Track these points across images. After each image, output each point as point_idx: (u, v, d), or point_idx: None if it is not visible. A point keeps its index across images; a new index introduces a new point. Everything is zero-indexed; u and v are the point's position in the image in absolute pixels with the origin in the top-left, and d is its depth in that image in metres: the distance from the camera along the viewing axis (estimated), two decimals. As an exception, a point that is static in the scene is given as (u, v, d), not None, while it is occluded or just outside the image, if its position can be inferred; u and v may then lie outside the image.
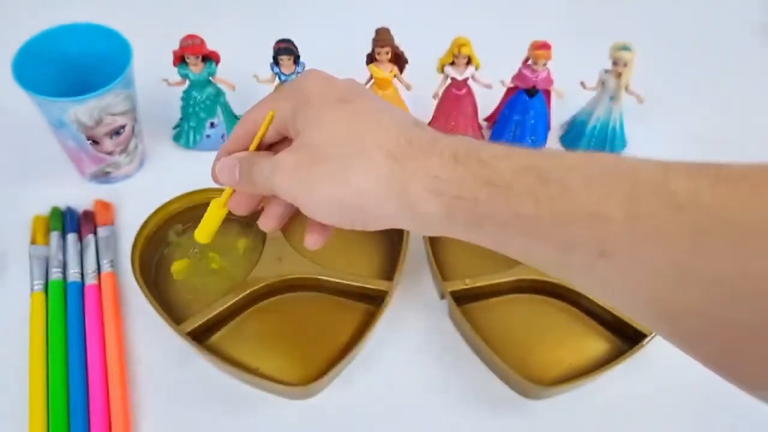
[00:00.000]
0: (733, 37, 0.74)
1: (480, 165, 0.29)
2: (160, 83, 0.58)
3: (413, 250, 0.51)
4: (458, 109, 0.60)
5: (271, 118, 0.36)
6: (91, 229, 0.55)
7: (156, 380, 0.49)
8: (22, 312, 0.50)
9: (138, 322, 0.51)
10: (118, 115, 0.53)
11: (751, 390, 0.26)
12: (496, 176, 0.28)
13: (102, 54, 0.54)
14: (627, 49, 0.55)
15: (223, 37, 0.59)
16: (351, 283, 0.50)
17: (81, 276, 0.52)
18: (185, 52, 0.55)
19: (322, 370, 0.47)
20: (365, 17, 0.60)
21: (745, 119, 0.66)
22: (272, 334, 0.50)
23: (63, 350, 0.48)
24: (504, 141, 0.61)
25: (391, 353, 0.50)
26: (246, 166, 0.36)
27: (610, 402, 0.48)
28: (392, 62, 0.57)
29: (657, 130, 0.63)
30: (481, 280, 0.50)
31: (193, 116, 0.59)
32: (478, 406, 0.48)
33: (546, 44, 0.56)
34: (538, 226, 0.27)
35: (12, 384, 0.47)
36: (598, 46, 0.56)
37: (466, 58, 0.57)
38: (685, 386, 0.49)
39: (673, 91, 0.66)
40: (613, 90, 0.58)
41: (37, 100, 0.50)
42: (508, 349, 0.48)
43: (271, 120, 0.36)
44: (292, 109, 0.35)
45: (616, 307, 0.29)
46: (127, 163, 0.58)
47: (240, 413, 0.47)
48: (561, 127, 0.64)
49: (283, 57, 0.56)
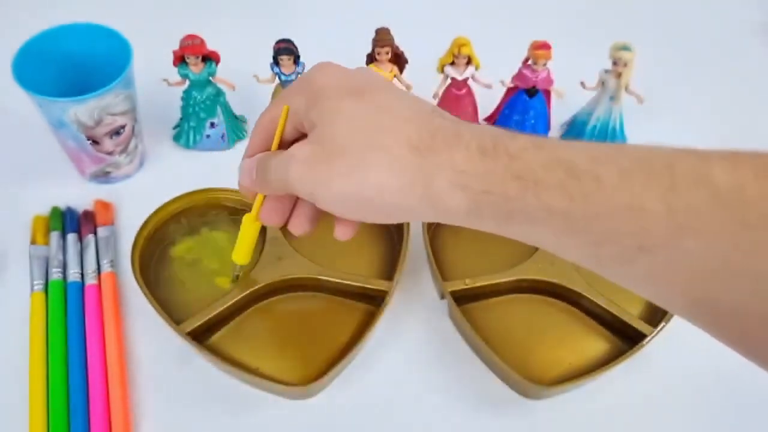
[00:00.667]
0: (733, 37, 0.74)
1: (509, 158, 0.28)
2: (160, 83, 0.58)
3: (413, 250, 0.51)
4: (458, 109, 0.60)
5: (287, 112, 0.35)
6: (91, 229, 0.55)
7: (156, 380, 0.49)
8: (22, 312, 0.50)
9: (138, 322, 0.51)
10: (118, 115, 0.53)
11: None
12: (525, 170, 0.28)
13: (102, 54, 0.54)
14: (627, 49, 0.55)
15: (223, 37, 0.59)
16: (351, 283, 0.50)
17: (81, 276, 0.52)
18: (185, 52, 0.55)
19: (322, 370, 0.47)
20: (365, 17, 0.60)
21: (746, 119, 0.66)
22: (272, 334, 0.50)
23: (63, 350, 0.48)
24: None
25: (391, 353, 0.50)
26: (261, 164, 0.35)
27: (610, 402, 0.48)
28: (392, 62, 0.57)
29: (657, 130, 0.63)
30: (481, 280, 0.50)
31: (193, 116, 0.59)
32: (478, 406, 0.48)
33: (546, 44, 0.56)
34: (572, 221, 0.27)
35: (12, 384, 0.47)
36: (598, 46, 0.56)
37: (466, 58, 0.57)
38: (685, 386, 0.49)
39: (673, 91, 0.66)
40: (613, 90, 0.58)
41: (37, 100, 0.50)
42: (508, 349, 0.48)
43: (287, 114, 0.35)
44: (306, 103, 0.34)
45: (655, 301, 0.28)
46: (127, 163, 0.58)
47: (240, 413, 0.47)
48: (561, 127, 0.64)
49: (283, 57, 0.56)
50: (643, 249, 0.25)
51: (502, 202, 0.28)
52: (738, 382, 0.49)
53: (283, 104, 0.36)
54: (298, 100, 0.35)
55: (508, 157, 0.28)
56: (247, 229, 0.41)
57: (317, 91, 0.33)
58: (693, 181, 0.24)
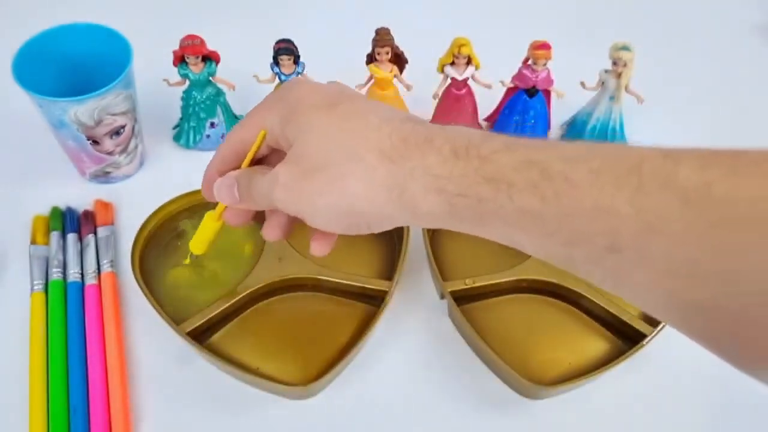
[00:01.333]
0: (733, 37, 0.74)
1: (481, 161, 0.29)
2: (160, 83, 0.58)
3: (413, 250, 0.51)
4: (458, 109, 0.60)
5: (263, 137, 0.36)
6: (91, 229, 0.55)
7: (156, 380, 0.49)
8: (22, 312, 0.50)
9: (138, 322, 0.51)
10: (118, 115, 0.53)
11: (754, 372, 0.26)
12: (498, 172, 0.28)
13: (102, 54, 0.54)
14: (627, 49, 0.55)
15: (223, 37, 0.59)
16: (351, 283, 0.50)
17: (81, 276, 0.52)
18: (185, 52, 0.55)
19: (322, 370, 0.47)
20: (365, 17, 0.60)
21: (745, 119, 0.66)
22: (272, 334, 0.50)
23: (63, 350, 0.48)
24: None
25: (391, 353, 0.50)
26: (244, 184, 0.36)
27: (610, 402, 0.48)
28: (392, 62, 0.57)
29: (657, 130, 0.63)
30: (481, 280, 0.50)
31: (193, 116, 0.59)
32: (478, 406, 0.48)
33: (546, 44, 0.56)
34: (545, 222, 0.27)
35: (12, 384, 0.47)
36: (598, 46, 0.56)
37: (466, 58, 0.57)
38: (685, 386, 0.49)
39: (673, 91, 0.66)
40: (613, 90, 0.58)
41: (37, 100, 0.50)
42: (508, 349, 0.48)
43: (263, 139, 0.36)
44: (280, 121, 0.34)
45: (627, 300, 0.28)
46: (127, 163, 0.58)
47: (240, 413, 0.47)
48: (561, 127, 0.64)
49: (283, 57, 0.56)
50: (612, 249, 0.26)
51: (476, 204, 0.29)
52: (738, 382, 0.48)
53: (258, 124, 0.36)
54: (272, 118, 0.35)
55: (479, 160, 0.29)
56: (207, 226, 0.42)
57: (292, 107, 0.34)
58: (661, 183, 0.25)
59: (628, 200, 0.25)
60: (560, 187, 0.27)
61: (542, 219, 0.27)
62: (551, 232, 0.27)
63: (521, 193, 0.27)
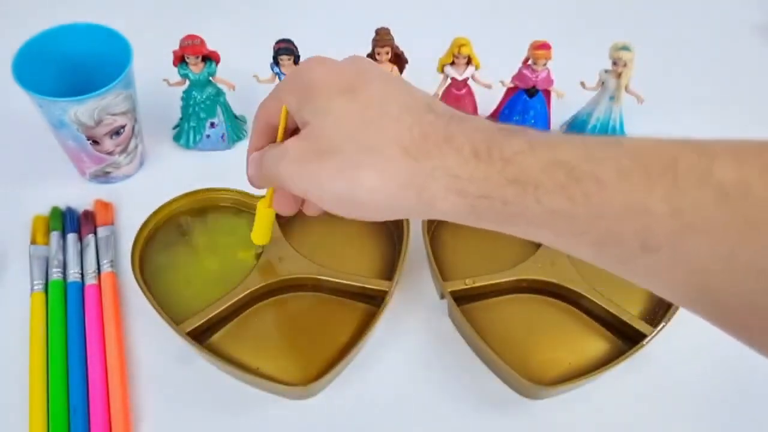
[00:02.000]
0: (733, 37, 0.74)
1: (504, 163, 0.28)
2: (160, 83, 0.58)
3: (413, 250, 0.51)
4: (458, 109, 0.60)
5: (287, 113, 0.36)
6: (91, 229, 0.55)
7: (156, 380, 0.49)
8: (22, 312, 0.50)
9: (138, 322, 0.51)
10: (118, 115, 0.53)
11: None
12: (522, 174, 0.27)
13: (102, 54, 0.54)
14: (627, 49, 0.55)
15: (223, 37, 0.59)
16: (351, 283, 0.50)
17: (81, 276, 0.52)
18: (185, 52, 0.55)
19: (322, 370, 0.47)
20: (365, 17, 0.60)
21: (746, 119, 0.66)
22: (272, 334, 0.50)
23: (63, 350, 0.48)
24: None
25: (391, 353, 0.50)
26: (258, 158, 0.36)
27: (610, 402, 0.48)
28: (392, 62, 0.57)
29: (657, 130, 0.63)
30: (481, 280, 0.50)
31: (193, 116, 0.59)
32: (478, 406, 0.48)
33: (546, 44, 0.56)
34: (574, 223, 0.27)
35: (12, 384, 0.47)
36: (598, 46, 0.56)
37: (466, 58, 0.57)
38: (685, 386, 0.49)
39: (673, 91, 0.66)
40: (613, 90, 0.58)
41: (37, 100, 0.50)
42: (508, 349, 0.48)
43: (286, 115, 0.36)
44: (297, 102, 0.34)
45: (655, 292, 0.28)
46: (127, 163, 0.58)
47: (240, 413, 0.47)
48: (561, 127, 0.64)
49: (283, 57, 0.56)
50: (646, 248, 0.25)
51: (501, 206, 0.28)
52: (738, 382, 0.49)
53: (278, 100, 0.36)
54: (290, 99, 0.35)
55: (502, 162, 0.28)
56: (261, 214, 0.43)
57: (308, 89, 0.33)
58: (697, 180, 0.24)
59: (662, 198, 0.25)
60: (589, 188, 0.26)
61: (571, 220, 0.27)
62: (581, 232, 0.27)
63: (548, 195, 0.27)
